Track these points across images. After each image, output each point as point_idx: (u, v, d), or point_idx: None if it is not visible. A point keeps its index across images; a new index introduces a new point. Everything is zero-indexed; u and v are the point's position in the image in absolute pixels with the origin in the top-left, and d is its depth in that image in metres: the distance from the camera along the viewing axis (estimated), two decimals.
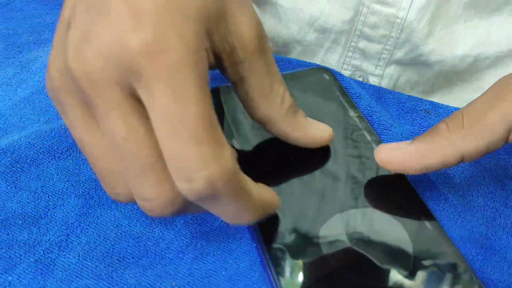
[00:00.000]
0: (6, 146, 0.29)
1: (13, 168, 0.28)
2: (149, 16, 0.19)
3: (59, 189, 0.28)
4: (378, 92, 0.34)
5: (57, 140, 0.30)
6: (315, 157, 0.28)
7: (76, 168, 0.29)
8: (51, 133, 0.30)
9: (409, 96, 0.34)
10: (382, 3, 0.35)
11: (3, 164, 0.28)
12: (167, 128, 0.19)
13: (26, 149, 0.29)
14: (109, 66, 0.19)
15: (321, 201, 0.26)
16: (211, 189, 0.19)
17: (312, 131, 0.26)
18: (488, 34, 0.37)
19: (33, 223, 0.26)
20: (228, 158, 0.19)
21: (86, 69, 0.19)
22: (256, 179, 0.22)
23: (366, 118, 0.31)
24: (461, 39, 0.36)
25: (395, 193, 0.27)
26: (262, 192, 0.22)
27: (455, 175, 0.30)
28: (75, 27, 0.20)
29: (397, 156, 0.25)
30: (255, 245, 0.26)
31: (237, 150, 0.29)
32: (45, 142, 0.30)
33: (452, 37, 0.36)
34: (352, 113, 0.31)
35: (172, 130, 0.19)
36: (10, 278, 0.24)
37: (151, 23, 0.18)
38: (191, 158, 0.18)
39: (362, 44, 0.37)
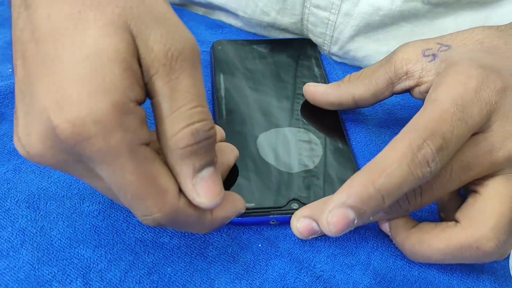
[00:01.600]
0: None
1: None
2: (70, 106, 0.21)
3: None
4: (343, 66, 0.46)
5: None
6: (278, 90, 0.39)
7: None
8: None
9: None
10: (318, 7, 0.42)
11: None
12: (116, 191, 0.24)
13: None
14: (54, 153, 0.23)
15: (266, 117, 0.37)
16: (157, 223, 0.25)
17: (188, 188, 0.24)
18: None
19: None
20: (169, 203, 0.24)
21: (41, 159, 0.23)
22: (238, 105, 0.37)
23: (327, 76, 0.42)
24: (383, 40, 0.43)
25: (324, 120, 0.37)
26: (218, 213, 0.27)
27: None
28: (18, 118, 0.24)
29: (312, 92, 0.37)
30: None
31: (230, 92, 0.39)
32: None
33: (376, 38, 0.43)
34: (317, 72, 0.42)
35: (119, 193, 0.24)
36: None
37: (71, 115, 0.21)
38: (138, 209, 0.24)
39: (310, 35, 0.45)
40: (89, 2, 0.23)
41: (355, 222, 0.25)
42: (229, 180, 0.32)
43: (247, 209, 0.30)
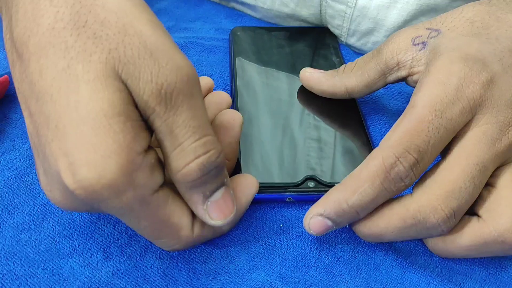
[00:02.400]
0: None
1: None
2: (80, 174, 0.21)
3: None
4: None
5: None
6: (294, 77, 0.39)
7: None
8: None
9: None
10: (335, 0, 0.42)
11: None
12: (136, 230, 0.25)
13: None
14: (75, 205, 0.24)
15: (282, 101, 0.37)
16: (176, 250, 0.27)
17: (200, 214, 0.25)
18: None
19: None
20: (185, 237, 0.26)
21: (69, 208, 0.24)
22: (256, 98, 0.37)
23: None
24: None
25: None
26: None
27: None
28: (38, 172, 0.25)
29: (306, 78, 0.36)
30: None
31: (249, 77, 0.39)
32: None
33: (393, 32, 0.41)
34: (335, 60, 0.42)
35: (139, 232, 0.25)
36: None
37: (84, 184, 0.21)
38: (157, 243, 0.26)
39: (329, 26, 0.45)
40: (75, 51, 0.22)
41: (334, 227, 0.27)
42: (246, 157, 0.32)
43: (263, 185, 0.30)
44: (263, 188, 0.30)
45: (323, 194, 0.29)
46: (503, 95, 0.27)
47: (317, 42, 0.44)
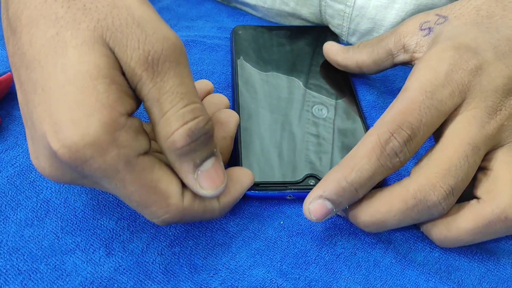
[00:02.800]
0: None
1: None
2: (64, 132, 0.22)
3: None
4: None
5: None
6: (294, 76, 0.40)
7: None
8: None
9: None
10: (334, 0, 0.43)
11: None
12: (123, 200, 0.25)
13: None
14: (61, 172, 0.24)
15: (282, 99, 0.37)
16: (167, 223, 0.26)
17: (190, 183, 0.25)
18: None
19: None
20: (174, 205, 0.25)
21: (54, 177, 0.25)
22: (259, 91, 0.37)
23: None
24: None
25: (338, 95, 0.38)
26: (225, 199, 0.27)
27: None
28: (28, 142, 0.25)
29: (327, 50, 0.40)
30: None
31: (249, 76, 0.39)
32: None
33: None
34: None
35: (125, 201, 0.25)
36: None
37: (68, 143, 0.22)
38: (146, 214, 0.25)
39: (329, 26, 0.46)
40: (65, 21, 0.23)
41: (334, 210, 0.27)
42: (247, 155, 0.32)
43: (264, 183, 0.30)
44: (264, 186, 0.30)
45: None
46: (492, 81, 0.28)
47: (317, 41, 0.44)
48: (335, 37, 0.45)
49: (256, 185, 0.30)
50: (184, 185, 0.26)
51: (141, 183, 0.24)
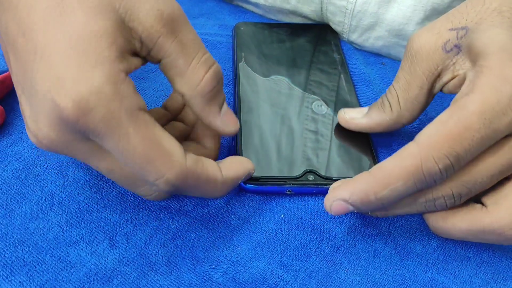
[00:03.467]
0: None
1: None
2: (65, 86, 0.22)
3: None
4: (363, 53, 0.46)
5: None
6: (294, 73, 0.40)
7: None
8: None
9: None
10: None
11: None
12: (125, 160, 0.24)
13: None
14: (60, 135, 0.24)
15: (282, 96, 0.37)
16: (173, 187, 0.25)
17: (218, 124, 0.28)
18: None
19: None
20: (177, 162, 0.25)
21: (48, 143, 0.25)
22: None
23: (347, 61, 0.43)
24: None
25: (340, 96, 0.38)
26: (228, 172, 0.28)
27: None
28: (23, 109, 0.25)
29: (352, 124, 0.34)
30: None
31: (251, 72, 0.39)
32: None
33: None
34: (336, 57, 0.42)
35: (128, 161, 0.24)
36: None
37: (70, 92, 0.22)
38: (149, 173, 0.24)
39: (330, 24, 0.46)
40: None
41: (354, 211, 0.27)
42: (247, 150, 0.32)
43: (264, 178, 0.31)
44: (263, 180, 0.31)
45: (322, 187, 0.30)
46: None
47: (318, 38, 0.44)
48: (336, 35, 0.45)
49: (256, 180, 0.31)
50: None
51: (145, 135, 0.24)
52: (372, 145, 0.34)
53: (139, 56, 0.26)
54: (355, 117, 0.33)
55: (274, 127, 0.34)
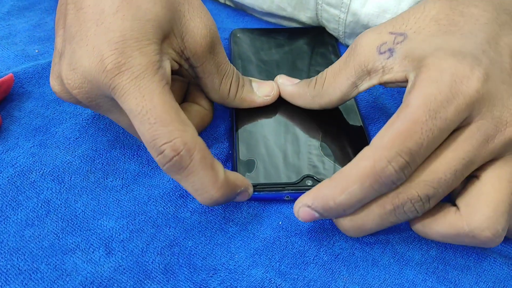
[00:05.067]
0: None
1: None
2: (116, 45, 0.26)
3: None
4: None
5: None
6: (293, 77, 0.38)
7: None
8: None
9: None
10: (329, 5, 0.43)
11: None
12: (140, 121, 0.25)
13: None
14: (94, 86, 0.27)
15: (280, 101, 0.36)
16: (176, 154, 0.25)
17: (256, 99, 0.35)
18: None
19: None
20: (190, 133, 0.26)
21: (79, 91, 0.28)
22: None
23: None
24: None
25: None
26: (229, 175, 0.27)
27: None
28: (64, 57, 0.28)
29: (282, 89, 0.36)
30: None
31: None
32: None
33: None
34: (334, 59, 0.42)
35: (143, 121, 0.25)
36: None
37: (119, 50, 0.26)
38: (159, 136, 0.25)
39: (327, 30, 0.46)
40: None
41: (321, 217, 0.27)
42: (244, 157, 0.32)
43: (262, 184, 0.31)
44: (261, 187, 0.31)
45: None
46: (497, 89, 0.26)
47: (315, 41, 0.44)
48: (332, 37, 0.45)
49: (254, 187, 0.30)
50: None
51: (167, 99, 0.26)
52: None
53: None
54: (285, 83, 0.36)
55: (272, 134, 0.34)
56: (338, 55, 0.42)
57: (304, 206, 0.27)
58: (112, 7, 0.27)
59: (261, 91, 0.35)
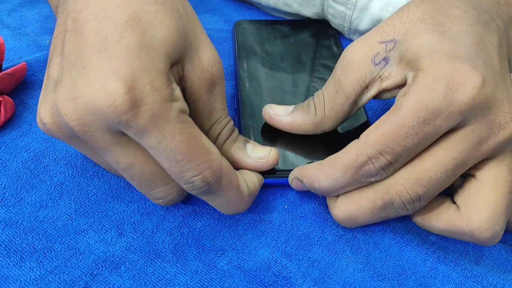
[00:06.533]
0: None
1: None
2: (124, 77, 0.23)
3: None
4: None
5: None
6: (296, 69, 0.40)
7: None
8: None
9: None
10: (335, 1, 0.44)
11: None
12: (165, 158, 0.25)
13: None
14: (97, 119, 0.24)
15: (284, 93, 0.38)
16: (206, 184, 0.25)
17: (245, 159, 0.30)
18: None
19: None
20: (216, 160, 0.26)
21: (78, 123, 0.24)
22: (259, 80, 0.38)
23: None
24: None
25: None
26: (251, 186, 0.29)
27: None
28: (62, 86, 0.25)
29: (278, 122, 0.33)
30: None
31: (251, 70, 0.40)
32: None
33: None
34: (336, 51, 0.43)
35: (169, 158, 0.24)
36: None
37: (127, 83, 0.23)
38: (188, 170, 0.25)
39: (332, 25, 0.47)
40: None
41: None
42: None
43: (271, 171, 0.32)
44: (270, 174, 0.32)
45: None
46: (493, 93, 0.25)
47: (319, 34, 0.45)
48: (335, 30, 0.46)
49: (262, 174, 0.31)
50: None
51: (189, 135, 0.25)
52: None
53: None
54: (279, 114, 0.33)
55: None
56: (340, 47, 0.43)
57: (296, 179, 0.30)
58: (115, 33, 0.24)
59: (255, 153, 0.30)
